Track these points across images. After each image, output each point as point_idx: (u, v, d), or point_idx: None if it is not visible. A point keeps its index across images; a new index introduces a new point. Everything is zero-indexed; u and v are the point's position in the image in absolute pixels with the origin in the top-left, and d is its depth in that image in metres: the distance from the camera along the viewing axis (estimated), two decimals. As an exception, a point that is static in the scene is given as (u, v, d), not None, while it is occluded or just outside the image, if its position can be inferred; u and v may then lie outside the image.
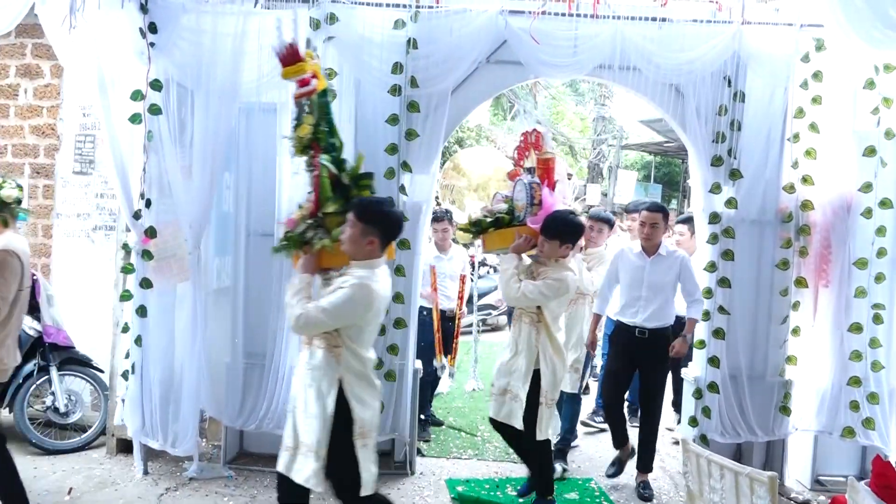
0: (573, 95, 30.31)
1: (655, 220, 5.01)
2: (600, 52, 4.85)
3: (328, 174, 3.51)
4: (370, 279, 3.27)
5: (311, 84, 3.60)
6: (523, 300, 4.29)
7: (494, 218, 4.69)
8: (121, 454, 5.21)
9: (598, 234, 5.70)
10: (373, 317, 3.35)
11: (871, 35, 4.30)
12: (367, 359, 3.40)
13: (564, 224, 4.32)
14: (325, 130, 3.62)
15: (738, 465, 2.75)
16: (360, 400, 3.33)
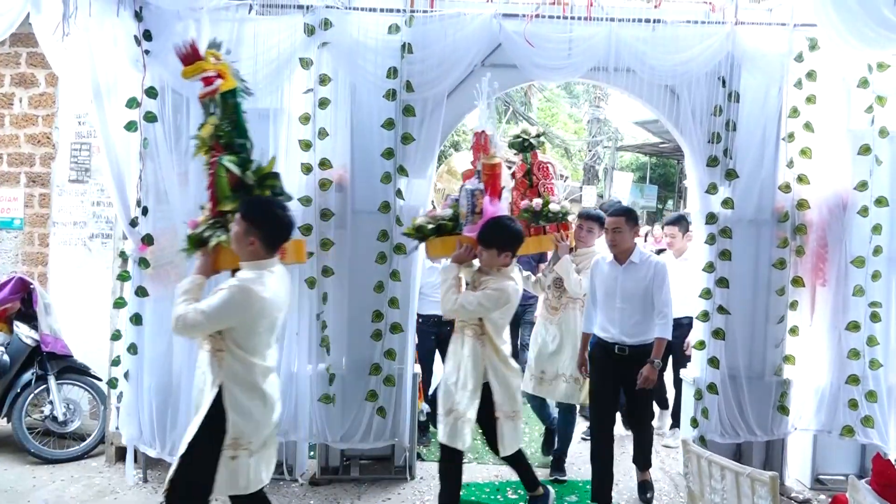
0: (568, 97, 30.39)
1: (618, 224, 4.68)
2: (595, 54, 4.86)
3: (226, 174, 3.50)
4: (253, 282, 3.18)
5: (214, 84, 3.58)
6: (462, 312, 4.10)
7: (437, 224, 4.55)
8: (120, 462, 5.19)
9: (587, 233, 5.31)
10: (258, 321, 3.21)
11: (864, 34, 4.30)
12: (256, 365, 3.25)
13: (500, 232, 4.13)
14: (228, 130, 3.61)
15: (739, 466, 2.75)
16: (239, 409, 3.19)
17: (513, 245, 4.16)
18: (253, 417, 3.24)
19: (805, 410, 5.11)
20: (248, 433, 3.22)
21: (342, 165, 4.96)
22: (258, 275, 3.24)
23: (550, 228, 5.01)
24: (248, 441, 3.23)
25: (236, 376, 3.21)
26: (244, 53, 4.76)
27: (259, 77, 4.80)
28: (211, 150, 3.61)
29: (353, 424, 5.02)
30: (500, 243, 4.10)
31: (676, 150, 20.26)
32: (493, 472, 5.44)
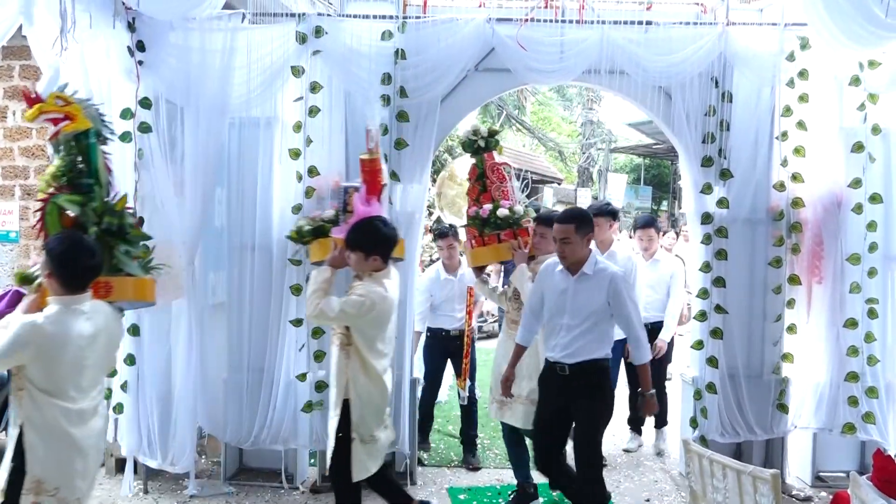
0: (561, 101, 30.47)
1: (565, 234, 4.00)
2: (587, 57, 4.88)
3: (57, 211, 3.56)
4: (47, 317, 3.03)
5: (58, 125, 3.60)
6: (322, 318, 3.75)
7: (316, 226, 4.40)
8: (120, 474, 5.16)
9: (540, 239, 4.67)
10: (57, 357, 2.99)
11: (855, 33, 4.33)
12: (60, 407, 3.01)
13: (366, 233, 3.85)
14: (71, 171, 3.67)
15: (741, 464, 2.76)
16: (35, 451, 2.97)
17: (381, 248, 3.84)
18: (54, 459, 3.04)
19: (804, 408, 5.12)
20: (45, 479, 3.02)
21: (338, 173, 4.96)
22: (66, 308, 3.10)
23: (506, 235, 4.69)
24: (51, 489, 3.03)
25: (35, 418, 3.01)
26: (237, 62, 4.78)
27: (252, 86, 4.83)
28: (51, 188, 3.64)
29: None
30: (366, 246, 3.80)
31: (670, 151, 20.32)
32: (494, 477, 5.44)
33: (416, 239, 5.12)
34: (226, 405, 4.98)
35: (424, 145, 4.99)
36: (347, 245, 3.84)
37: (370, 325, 3.78)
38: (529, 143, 26.84)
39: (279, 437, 4.93)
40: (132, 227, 3.79)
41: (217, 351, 5.04)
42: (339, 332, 3.84)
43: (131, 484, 4.86)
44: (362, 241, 3.82)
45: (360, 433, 3.79)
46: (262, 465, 5.22)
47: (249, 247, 4.97)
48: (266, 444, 4.92)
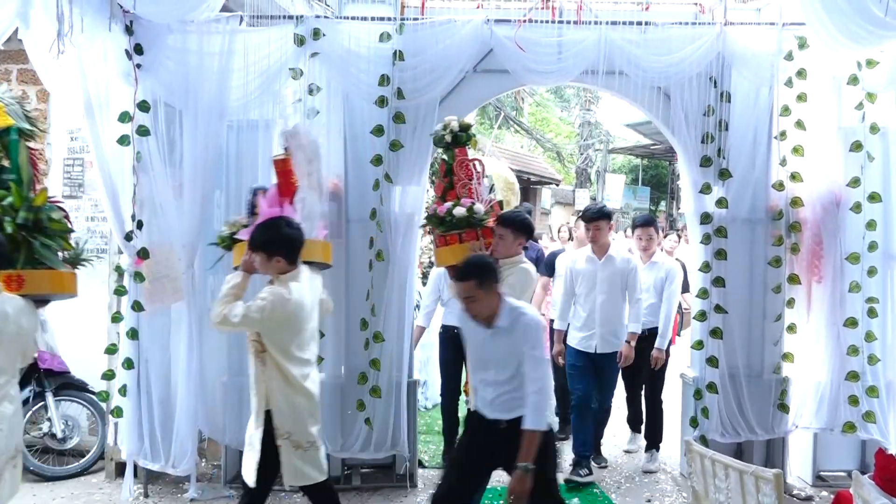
0: (558, 101, 30.49)
1: (468, 292, 3.45)
2: (585, 57, 4.88)
3: None
4: None
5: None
6: (225, 324, 3.55)
7: (233, 231, 4.23)
8: (120, 478, 5.15)
9: (499, 240, 4.37)
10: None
11: (852, 32, 4.33)
12: None
13: (267, 234, 3.65)
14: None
15: (743, 464, 2.76)
16: None
17: (283, 249, 3.62)
18: None
19: (805, 408, 5.12)
20: None
21: (336, 174, 4.96)
22: None
23: (468, 236, 4.32)
24: None
25: None
26: (235, 65, 4.78)
27: (251, 88, 4.83)
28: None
29: (351, 434, 5.02)
30: (267, 246, 3.60)
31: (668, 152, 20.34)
32: (495, 477, 5.40)
33: (415, 240, 5.11)
34: (225, 408, 4.97)
35: (423, 147, 4.98)
36: (250, 246, 3.66)
37: (277, 329, 3.58)
38: (527, 144, 26.85)
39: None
40: (53, 221, 3.73)
41: (217, 354, 5.03)
42: (252, 340, 3.65)
43: (131, 488, 4.84)
44: (264, 241, 3.62)
45: (294, 439, 3.62)
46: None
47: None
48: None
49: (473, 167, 4.50)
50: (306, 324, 3.68)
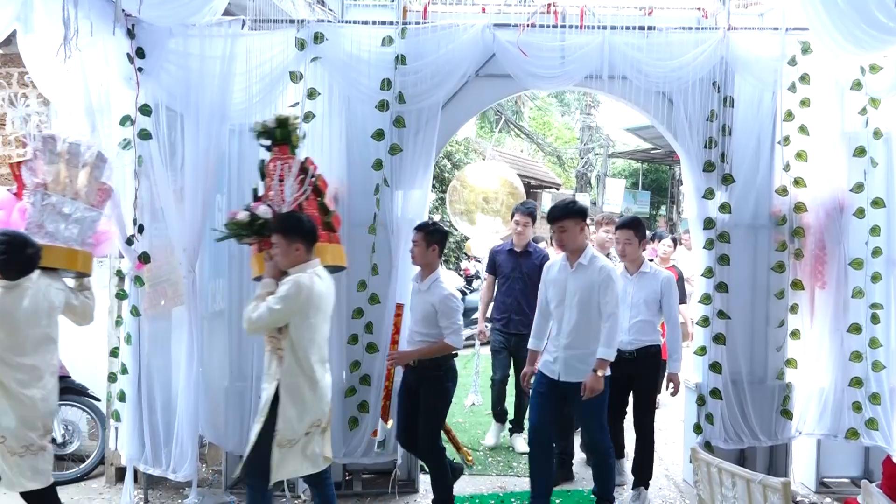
0: (559, 106, 30.52)
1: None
2: (588, 62, 4.87)
3: None
4: None
5: None
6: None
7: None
8: (120, 483, 5.13)
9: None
10: None
11: (855, 37, 4.32)
12: None
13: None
14: None
15: (750, 473, 2.73)
16: None
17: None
18: None
19: (809, 414, 5.09)
20: None
21: (338, 179, 4.94)
22: None
23: (265, 244, 4.00)
24: None
25: None
26: (237, 69, 4.77)
27: (252, 92, 4.82)
28: None
29: (354, 439, 4.99)
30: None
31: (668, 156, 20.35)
32: (497, 484, 5.41)
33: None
34: (227, 413, 4.95)
35: (425, 151, 4.97)
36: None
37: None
38: (528, 148, 26.86)
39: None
40: None
41: (218, 358, 5.02)
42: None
43: (132, 493, 4.81)
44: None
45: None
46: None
47: (249, 253, 4.93)
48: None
49: (286, 168, 4.08)
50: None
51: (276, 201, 4.04)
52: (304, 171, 4.13)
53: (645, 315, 4.91)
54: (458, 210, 7.51)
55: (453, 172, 14.99)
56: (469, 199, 7.42)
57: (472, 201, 7.27)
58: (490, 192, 7.53)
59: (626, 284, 4.90)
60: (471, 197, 7.41)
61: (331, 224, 4.23)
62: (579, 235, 4.52)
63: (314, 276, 3.76)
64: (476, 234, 7.61)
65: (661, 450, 6.20)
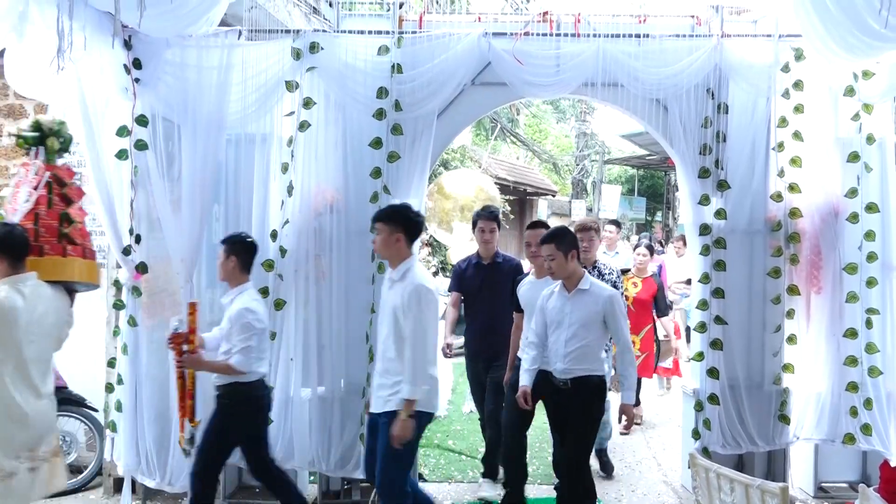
0: (554, 113, 30.61)
1: None
2: (583, 70, 4.90)
3: None
4: None
5: None
6: None
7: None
8: (118, 494, 5.12)
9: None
10: None
11: (848, 43, 4.35)
12: None
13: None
14: None
15: (749, 478, 2.74)
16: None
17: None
18: None
19: (806, 419, 5.11)
20: None
21: (334, 187, 4.96)
22: None
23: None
24: None
25: None
26: (234, 79, 4.79)
27: (249, 102, 4.84)
28: None
29: (346, 450, 4.94)
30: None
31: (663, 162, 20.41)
32: (496, 492, 5.39)
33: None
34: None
35: (420, 159, 4.98)
36: None
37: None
38: (523, 155, 26.92)
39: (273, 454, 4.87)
40: None
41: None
42: None
43: (130, 503, 4.81)
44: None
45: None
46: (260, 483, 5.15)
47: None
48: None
49: (26, 173, 3.85)
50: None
51: (9, 209, 3.77)
52: (59, 181, 3.87)
53: (583, 339, 4.23)
54: (436, 218, 7.54)
55: (450, 180, 15.02)
56: (446, 207, 7.44)
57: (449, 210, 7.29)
58: (467, 201, 7.55)
59: (564, 304, 4.29)
60: (447, 205, 7.44)
61: (69, 236, 3.82)
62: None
63: (13, 291, 3.33)
64: (454, 242, 7.61)
65: (659, 455, 6.22)
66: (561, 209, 25.30)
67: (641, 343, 6.89)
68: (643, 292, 6.97)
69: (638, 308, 6.86)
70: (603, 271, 5.21)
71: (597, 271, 5.15)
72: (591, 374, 4.26)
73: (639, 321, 6.80)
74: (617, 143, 26.08)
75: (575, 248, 4.28)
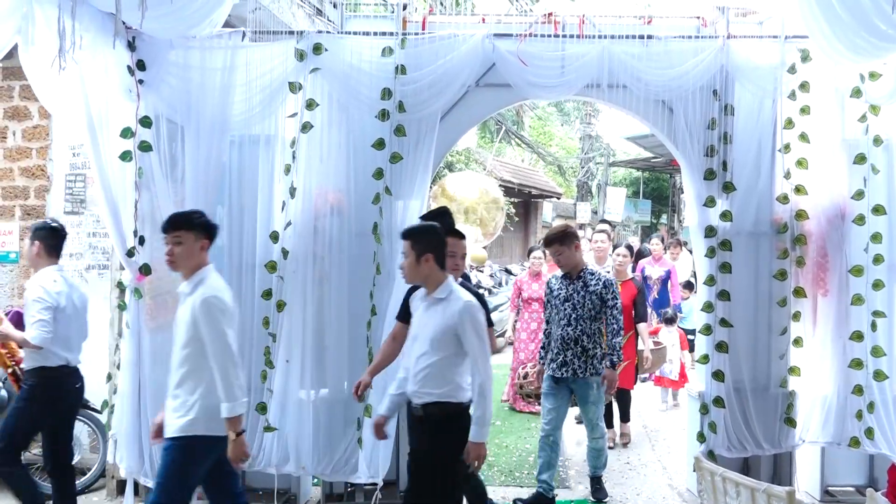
0: (559, 115, 30.60)
1: None
2: (588, 71, 4.88)
3: None
4: None
5: None
6: None
7: None
8: (121, 496, 5.10)
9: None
10: None
11: (855, 44, 4.32)
12: None
13: None
14: None
15: (755, 482, 2.72)
16: None
17: None
18: None
19: (812, 422, 5.07)
20: None
21: (338, 189, 4.95)
22: None
23: None
24: None
25: None
26: (238, 80, 4.78)
27: (252, 103, 4.83)
28: None
29: (348, 453, 4.91)
30: None
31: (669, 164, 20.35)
32: (499, 494, 5.38)
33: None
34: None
35: (423, 161, 4.96)
36: None
37: None
38: (529, 157, 26.91)
39: (276, 458, 4.86)
40: None
41: (218, 370, 4.98)
42: None
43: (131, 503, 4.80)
44: None
45: None
46: (264, 485, 5.13)
47: (250, 265, 4.93)
48: (261, 466, 4.84)
49: None
50: None
51: None
52: None
53: (433, 357, 3.61)
54: None
55: (455, 183, 15.01)
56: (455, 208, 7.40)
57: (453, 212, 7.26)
58: (471, 203, 7.50)
59: (422, 314, 3.74)
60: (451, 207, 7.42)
61: None
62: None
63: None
64: None
65: (664, 459, 6.19)
66: (566, 212, 25.27)
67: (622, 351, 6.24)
68: (622, 296, 5.94)
69: None
70: (589, 282, 5.12)
71: (581, 281, 5.12)
72: (447, 401, 3.59)
73: None
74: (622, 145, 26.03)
75: (434, 251, 3.63)
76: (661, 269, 9.14)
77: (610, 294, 5.11)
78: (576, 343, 5.02)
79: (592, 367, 5.03)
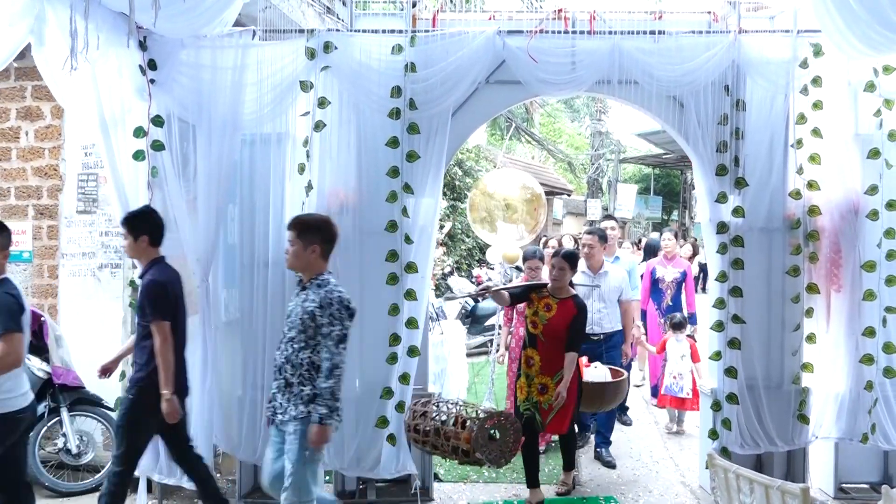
0: (569, 112, 30.52)
1: None
2: (599, 67, 4.86)
3: None
4: None
5: None
6: None
7: None
8: (134, 493, 5.13)
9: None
10: None
11: (869, 38, 4.30)
12: None
13: None
14: None
15: (768, 479, 2.71)
16: None
17: None
18: None
19: (825, 418, 5.05)
20: None
21: (349, 187, 4.95)
22: None
23: None
24: None
25: None
26: (249, 79, 4.80)
27: (264, 102, 4.84)
28: None
29: (362, 451, 4.93)
30: None
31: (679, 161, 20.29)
32: (511, 492, 5.38)
33: (429, 252, 5.09)
34: (240, 422, 4.95)
35: (435, 158, 4.96)
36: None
37: None
38: (539, 154, 26.86)
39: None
40: None
41: (231, 368, 5.02)
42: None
43: (146, 503, 4.83)
44: None
45: None
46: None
47: (262, 263, 4.95)
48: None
49: None
50: None
51: None
52: None
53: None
54: (478, 217, 7.47)
55: (464, 180, 14.99)
56: (489, 206, 7.36)
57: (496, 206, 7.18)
58: (512, 200, 7.45)
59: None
60: (491, 204, 7.35)
61: None
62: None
63: None
64: (496, 241, 7.53)
65: (677, 455, 6.17)
66: (576, 208, 25.22)
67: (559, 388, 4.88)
68: (558, 317, 4.95)
69: (550, 340, 4.90)
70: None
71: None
72: None
73: (553, 358, 4.87)
74: (632, 141, 25.99)
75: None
76: (676, 271, 7.82)
77: None
78: None
79: None
